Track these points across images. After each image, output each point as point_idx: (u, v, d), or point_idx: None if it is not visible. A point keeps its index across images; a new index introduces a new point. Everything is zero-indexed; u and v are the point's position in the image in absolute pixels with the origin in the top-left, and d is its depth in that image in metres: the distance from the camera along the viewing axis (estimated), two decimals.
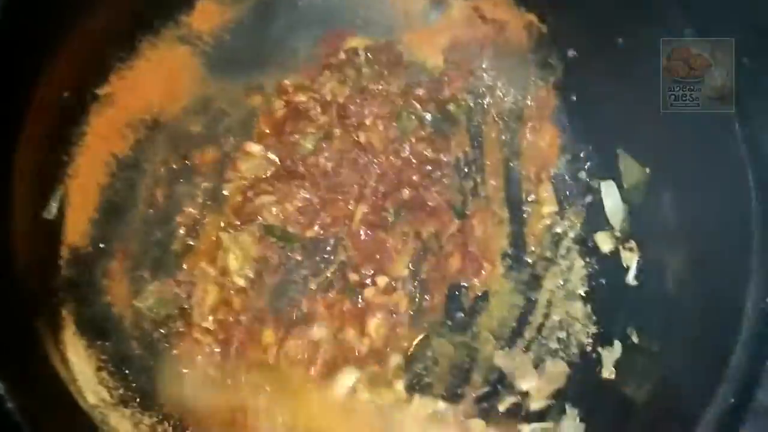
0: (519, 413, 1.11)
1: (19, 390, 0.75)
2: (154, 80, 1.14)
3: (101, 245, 1.06)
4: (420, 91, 1.24)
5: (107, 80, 1.09)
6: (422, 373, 1.13)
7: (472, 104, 1.25)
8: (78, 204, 1.05)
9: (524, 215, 1.22)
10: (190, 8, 1.16)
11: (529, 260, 1.20)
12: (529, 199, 1.22)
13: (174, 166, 1.13)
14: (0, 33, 0.87)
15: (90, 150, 1.07)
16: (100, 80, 1.09)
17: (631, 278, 1.13)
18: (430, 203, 1.19)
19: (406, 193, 1.18)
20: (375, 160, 1.18)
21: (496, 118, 1.25)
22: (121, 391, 1.01)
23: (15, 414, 0.74)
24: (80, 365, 0.95)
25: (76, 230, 1.04)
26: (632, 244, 1.14)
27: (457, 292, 1.17)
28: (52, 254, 1.01)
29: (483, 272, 1.18)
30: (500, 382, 1.13)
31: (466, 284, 1.17)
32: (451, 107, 1.24)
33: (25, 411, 0.74)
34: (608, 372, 1.09)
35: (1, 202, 0.90)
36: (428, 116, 1.23)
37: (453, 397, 1.12)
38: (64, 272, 1.01)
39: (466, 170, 1.22)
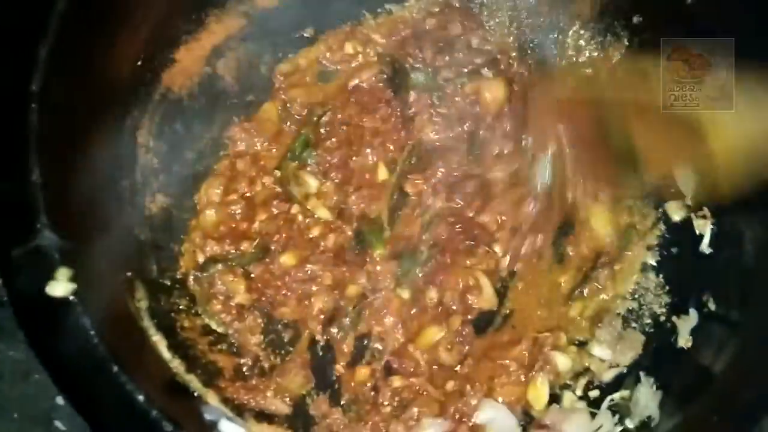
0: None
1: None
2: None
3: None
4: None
5: (176, 50, 1.11)
6: None
7: None
8: None
9: None
10: None
11: None
12: None
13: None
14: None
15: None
16: (170, 51, 1.11)
17: (705, 246, 1.10)
18: None
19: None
20: None
21: None
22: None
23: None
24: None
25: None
26: (705, 211, 1.12)
27: None
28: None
29: None
30: None
31: None
32: None
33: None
34: (684, 341, 1.06)
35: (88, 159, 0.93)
36: None
37: None
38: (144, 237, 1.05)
39: None
